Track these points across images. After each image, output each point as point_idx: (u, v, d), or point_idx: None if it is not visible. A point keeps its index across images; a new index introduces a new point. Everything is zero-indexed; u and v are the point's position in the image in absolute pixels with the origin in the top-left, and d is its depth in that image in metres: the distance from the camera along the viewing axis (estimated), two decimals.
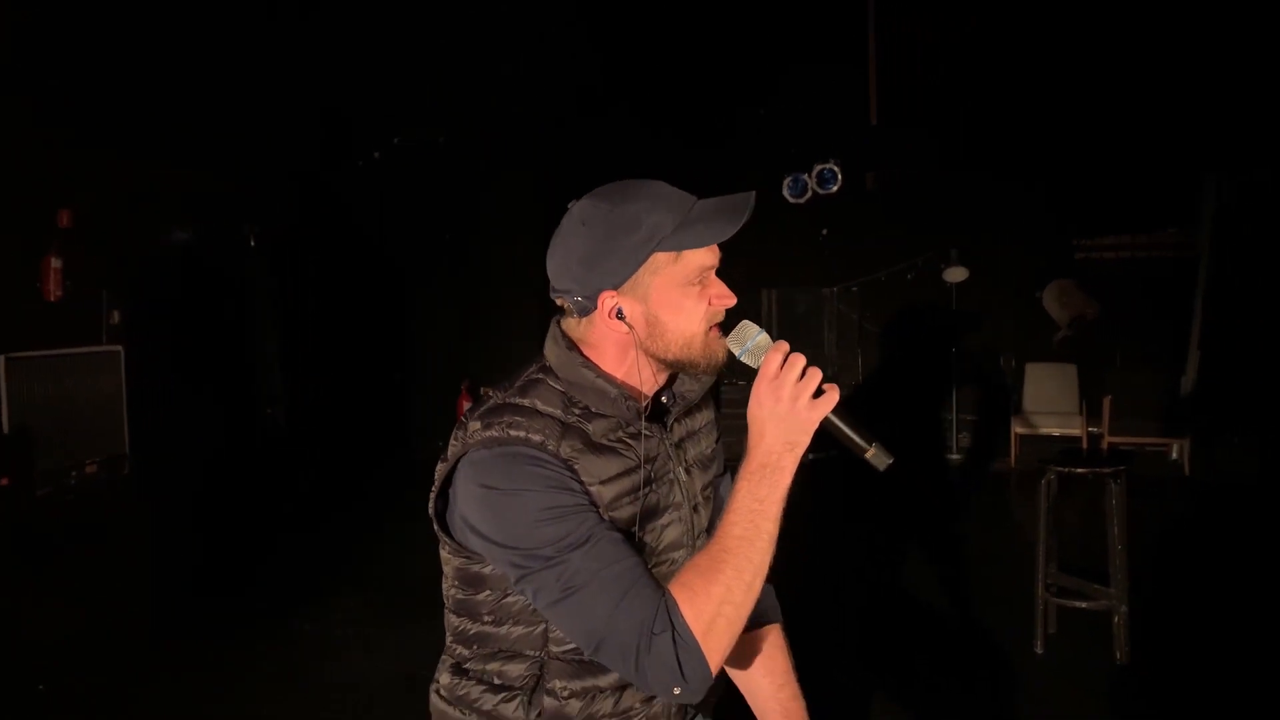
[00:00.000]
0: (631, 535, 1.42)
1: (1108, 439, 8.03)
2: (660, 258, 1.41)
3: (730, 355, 1.46)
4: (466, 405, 7.41)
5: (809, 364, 1.36)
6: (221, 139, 8.56)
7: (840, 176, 8.70)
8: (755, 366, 1.41)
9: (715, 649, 1.30)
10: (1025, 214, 8.74)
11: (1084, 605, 4.21)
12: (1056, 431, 8.37)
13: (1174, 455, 8.36)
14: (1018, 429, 8.56)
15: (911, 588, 5.40)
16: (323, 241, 9.42)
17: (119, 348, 8.01)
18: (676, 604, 1.30)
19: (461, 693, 1.53)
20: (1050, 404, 8.57)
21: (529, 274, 8.90)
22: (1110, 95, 8.25)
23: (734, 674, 1.71)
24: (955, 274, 8.88)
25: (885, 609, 5.04)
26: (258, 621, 4.81)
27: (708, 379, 1.54)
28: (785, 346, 1.38)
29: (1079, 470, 4.25)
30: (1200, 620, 4.60)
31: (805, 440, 1.36)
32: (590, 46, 8.26)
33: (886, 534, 6.48)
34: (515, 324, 9.32)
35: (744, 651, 1.68)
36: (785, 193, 8.95)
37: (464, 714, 1.52)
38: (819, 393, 1.35)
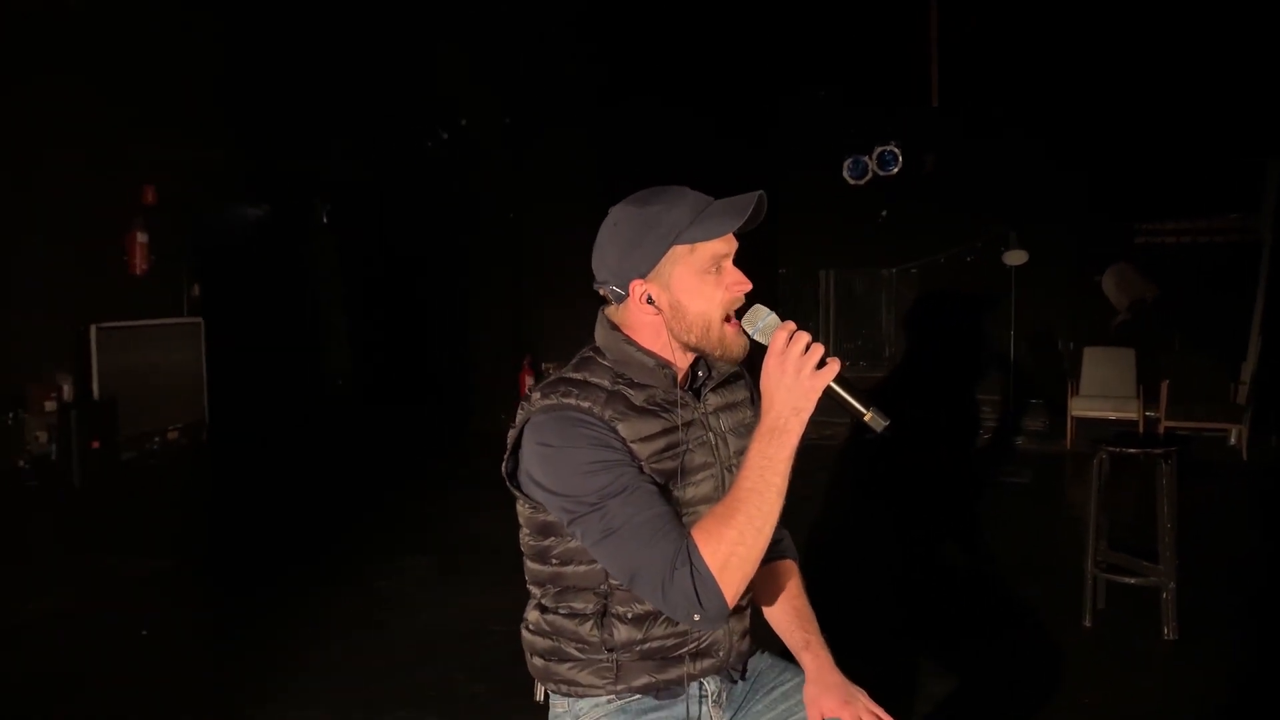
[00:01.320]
0: (669, 487, 1.65)
1: (1165, 423, 8.03)
2: (679, 249, 1.65)
3: (751, 343, 1.68)
4: (529, 379, 7.65)
5: (825, 342, 1.57)
6: (297, 120, 8.85)
7: (901, 158, 8.77)
8: (767, 344, 1.60)
9: (730, 583, 1.52)
10: (1085, 198, 8.75)
11: (1133, 582, 4.29)
12: (1113, 415, 8.39)
13: (1232, 441, 8.33)
14: (1075, 412, 8.58)
15: (967, 562, 5.54)
16: (391, 221, 9.69)
17: (199, 319, 8.36)
18: (696, 545, 1.53)
19: (546, 626, 1.78)
20: (1108, 388, 8.58)
21: (587, 256, 9.08)
22: (1175, 79, 8.21)
23: (762, 603, 1.94)
24: (1015, 257, 8.91)
25: (941, 582, 5.17)
26: (333, 578, 5.07)
27: (728, 364, 1.75)
28: (791, 325, 1.58)
29: (1131, 450, 4.34)
30: (1249, 600, 4.66)
31: (809, 406, 1.55)
32: (655, 31, 8.38)
33: (944, 511, 6.60)
34: (574, 303, 9.50)
35: (763, 577, 1.90)
36: (846, 174, 9.04)
37: (553, 640, 1.77)
38: (822, 364, 1.54)
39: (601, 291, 1.76)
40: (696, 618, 1.55)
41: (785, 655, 1.94)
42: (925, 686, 3.68)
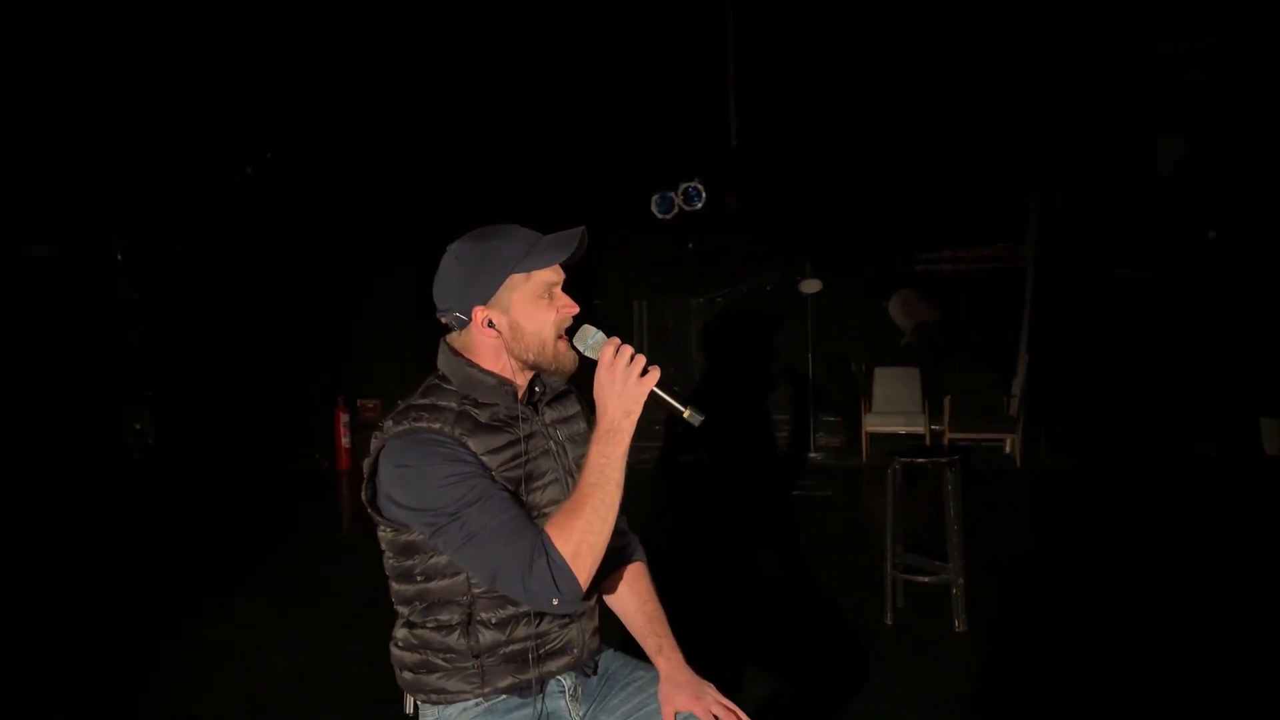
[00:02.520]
0: (518, 493, 1.83)
1: (948, 435, 8.67)
2: (516, 278, 1.84)
3: (581, 358, 1.89)
4: (344, 417, 7.61)
5: (647, 357, 1.80)
6: (91, 153, 8.48)
7: (704, 194, 9.19)
8: (596, 359, 1.82)
9: (582, 569, 1.72)
10: (872, 230, 9.29)
11: (926, 580, 4.68)
12: (903, 429, 8.96)
13: (1007, 449, 9.05)
14: (868, 427, 9.14)
15: (775, 571, 5.85)
16: (195, 257, 9.38)
17: None
18: (549, 537, 1.72)
19: (415, 640, 1.92)
20: (897, 404, 9.16)
21: (401, 291, 9.07)
22: (947, 122, 8.92)
23: (609, 600, 2.13)
24: (810, 285, 9.37)
25: (756, 590, 5.46)
26: (157, 628, 4.90)
27: (560, 380, 1.96)
28: (617, 341, 1.81)
29: (920, 460, 4.76)
30: (1026, 592, 5.15)
31: (637, 409, 1.78)
32: (474, 62, 8.48)
33: (756, 525, 6.92)
34: (388, 339, 9.46)
35: (616, 581, 2.11)
36: (654, 209, 9.38)
37: (421, 654, 1.91)
38: (645, 373, 1.77)
39: (444, 320, 1.91)
40: (555, 603, 1.72)
41: (631, 650, 2.13)
42: (746, 688, 3.87)
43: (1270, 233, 7.84)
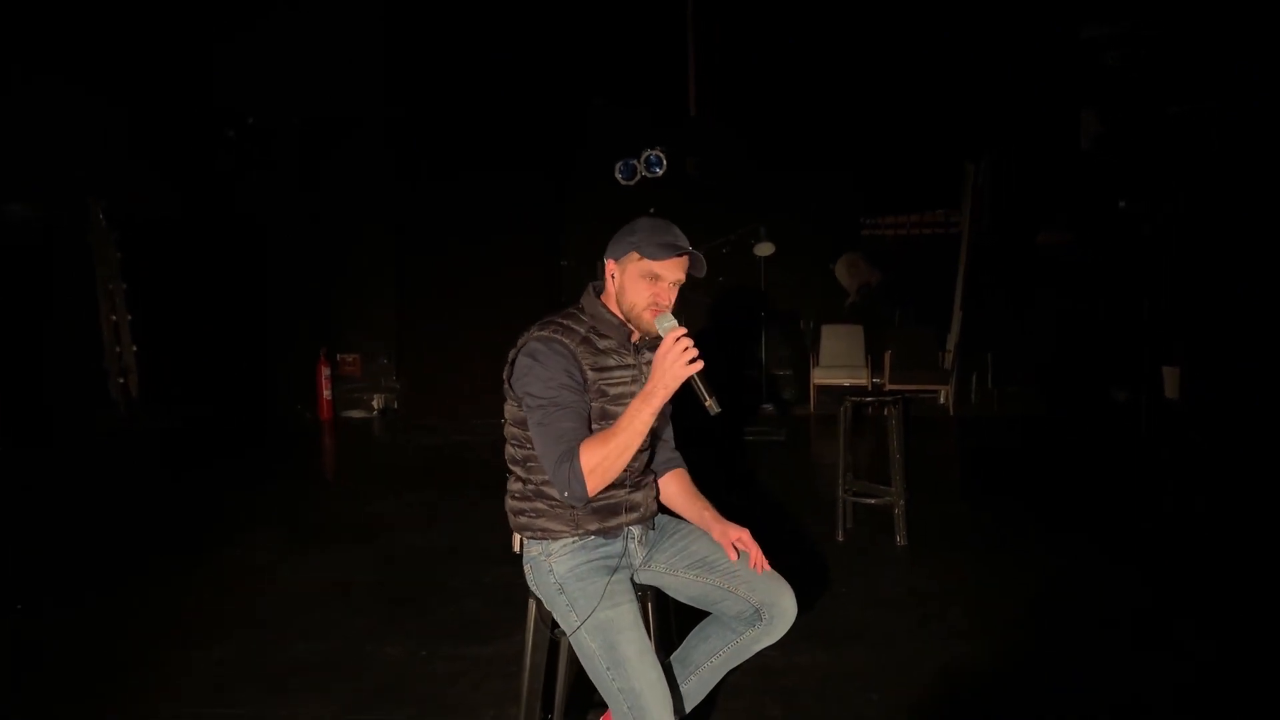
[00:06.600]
0: (605, 400, 2.47)
1: (888, 386, 9.30)
2: (633, 255, 2.47)
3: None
4: (325, 370, 8.12)
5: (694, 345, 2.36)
6: (73, 112, 8.72)
7: (665, 162, 9.69)
8: (664, 336, 2.40)
9: (594, 483, 2.36)
10: (821, 197, 9.88)
11: (873, 502, 5.33)
12: (847, 382, 9.57)
13: (941, 400, 9.78)
14: (816, 380, 9.77)
15: (738, 499, 6.35)
16: (179, 218, 9.64)
17: None
18: (580, 452, 2.35)
19: (527, 492, 2.57)
20: (842, 359, 9.79)
21: (382, 251, 9.49)
22: (887, 96, 9.52)
23: (663, 496, 2.82)
24: (763, 249, 9.84)
25: (726, 518, 6.07)
26: (188, 554, 5.32)
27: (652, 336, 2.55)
28: (682, 331, 2.37)
29: (868, 399, 5.46)
30: (954, 515, 5.87)
31: (675, 385, 2.34)
32: (448, 36, 8.81)
33: (715, 464, 7.39)
34: (367, 297, 9.90)
35: (667, 483, 2.82)
36: (617, 175, 9.80)
37: (531, 502, 2.55)
38: (693, 363, 2.33)
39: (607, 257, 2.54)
40: (565, 495, 2.37)
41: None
42: None
43: (1173, 204, 8.58)
